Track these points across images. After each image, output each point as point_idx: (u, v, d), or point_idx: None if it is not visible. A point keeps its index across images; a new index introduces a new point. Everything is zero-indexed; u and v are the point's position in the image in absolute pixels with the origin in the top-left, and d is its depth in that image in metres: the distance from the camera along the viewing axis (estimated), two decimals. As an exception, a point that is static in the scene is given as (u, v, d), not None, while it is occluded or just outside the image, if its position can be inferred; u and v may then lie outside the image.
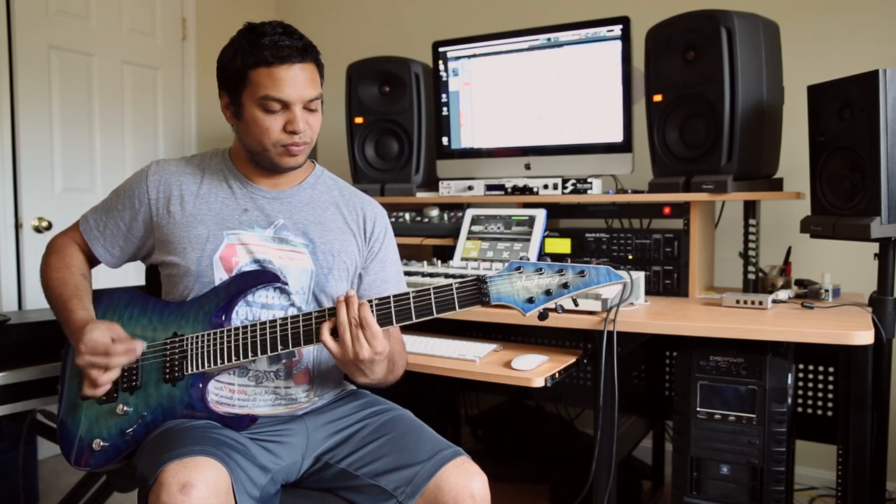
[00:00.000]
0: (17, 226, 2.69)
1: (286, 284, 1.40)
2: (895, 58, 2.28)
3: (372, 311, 1.26)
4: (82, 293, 1.40)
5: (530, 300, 1.23)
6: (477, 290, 1.25)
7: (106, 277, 1.70)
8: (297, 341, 1.30)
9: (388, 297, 1.28)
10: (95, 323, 1.29)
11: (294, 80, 1.32)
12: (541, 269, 1.24)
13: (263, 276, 1.38)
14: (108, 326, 1.29)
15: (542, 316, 1.25)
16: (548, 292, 1.23)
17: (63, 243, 1.49)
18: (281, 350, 1.31)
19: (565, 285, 1.23)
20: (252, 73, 1.32)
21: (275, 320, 1.31)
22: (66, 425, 1.37)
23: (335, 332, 1.27)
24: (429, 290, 1.26)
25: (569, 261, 1.26)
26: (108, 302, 1.43)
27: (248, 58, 1.32)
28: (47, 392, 1.72)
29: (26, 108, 2.69)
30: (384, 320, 1.27)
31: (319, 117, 1.40)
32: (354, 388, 1.58)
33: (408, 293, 1.27)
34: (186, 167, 1.47)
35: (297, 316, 1.31)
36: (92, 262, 1.51)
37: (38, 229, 2.71)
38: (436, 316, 1.26)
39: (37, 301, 2.63)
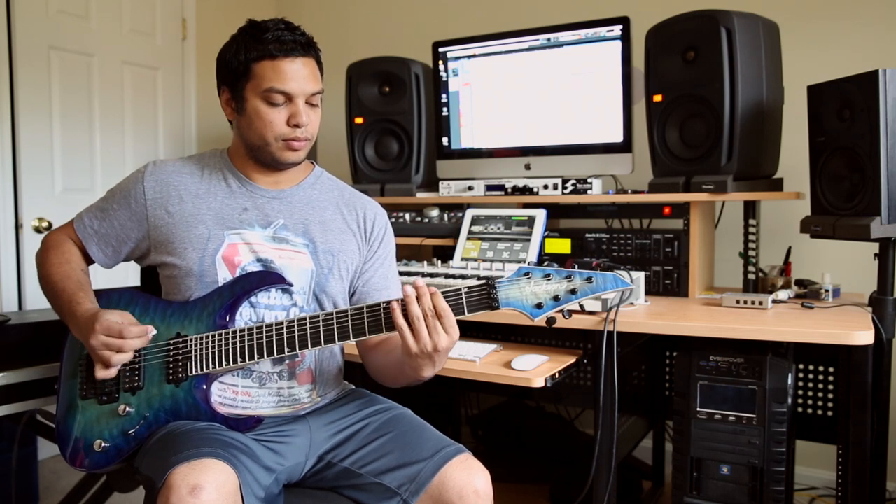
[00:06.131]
0: (17, 226, 2.69)
1: (291, 285, 1.40)
2: (895, 58, 2.28)
3: (380, 316, 1.26)
4: (87, 288, 1.40)
5: (539, 306, 1.24)
6: (486, 295, 1.24)
7: (105, 278, 1.70)
8: (304, 344, 1.30)
9: (399, 301, 1.27)
10: (108, 311, 1.29)
11: (298, 74, 1.33)
12: (549, 275, 1.24)
13: (269, 278, 1.38)
14: (121, 313, 1.29)
15: (550, 321, 1.26)
16: (556, 298, 1.23)
17: (59, 240, 1.48)
18: (288, 353, 1.31)
19: (573, 291, 1.23)
20: (255, 66, 1.33)
21: (281, 323, 1.31)
22: (65, 425, 1.37)
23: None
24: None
25: (571, 262, 1.26)
26: (107, 302, 1.42)
27: (252, 52, 1.33)
28: (47, 392, 1.72)
29: (26, 108, 2.69)
30: (394, 325, 1.26)
31: (320, 113, 1.41)
32: (353, 387, 1.58)
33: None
34: (184, 167, 1.47)
35: (304, 318, 1.30)
36: (88, 260, 1.50)
37: (38, 229, 2.71)
38: None
39: (37, 301, 2.63)
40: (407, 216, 2.46)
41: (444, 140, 2.53)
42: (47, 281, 1.43)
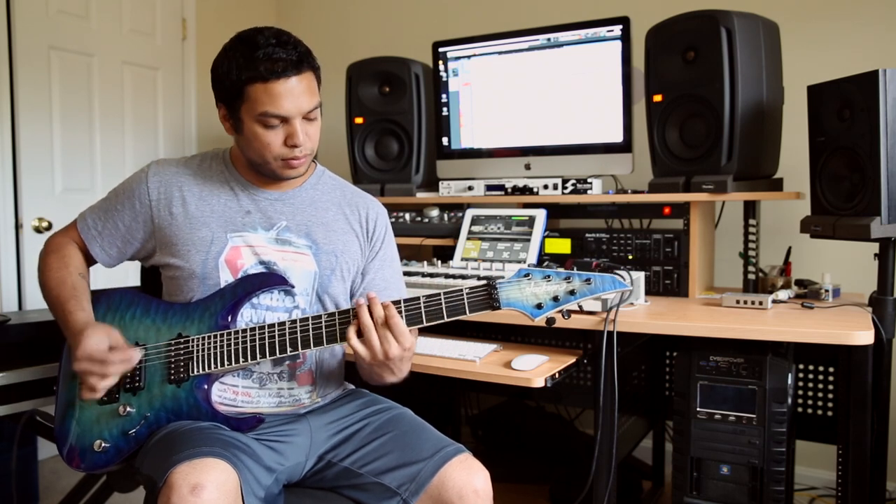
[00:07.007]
0: (17, 226, 2.69)
1: (293, 287, 1.40)
2: (895, 58, 2.28)
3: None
4: (80, 294, 1.39)
5: (539, 306, 1.26)
6: (487, 296, 1.26)
7: (106, 278, 1.70)
8: (306, 344, 1.30)
9: (399, 302, 1.28)
10: (94, 328, 1.28)
11: (291, 94, 1.30)
12: (549, 277, 1.26)
13: (270, 279, 1.38)
14: (107, 332, 1.28)
15: (550, 321, 1.28)
16: (555, 299, 1.26)
17: (61, 243, 1.48)
18: (290, 352, 1.31)
19: (572, 292, 1.26)
20: (248, 88, 1.29)
21: (283, 323, 1.31)
22: (64, 426, 1.37)
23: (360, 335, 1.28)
24: (439, 295, 1.26)
25: (571, 262, 1.27)
26: (108, 302, 1.42)
27: (244, 72, 1.29)
28: (47, 392, 1.72)
29: (26, 108, 2.69)
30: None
31: (319, 125, 1.39)
32: (353, 387, 1.58)
33: (418, 298, 1.28)
34: (187, 168, 1.47)
35: (307, 318, 1.31)
36: (90, 261, 1.50)
37: (38, 229, 2.71)
38: (446, 320, 1.27)
39: (37, 301, 2.62)
40: (407, 216, 2.46)
41: (444, 140, 2.53)
42: (44, 286, 1.43)
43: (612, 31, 2.17)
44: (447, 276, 2.04)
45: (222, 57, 1.34)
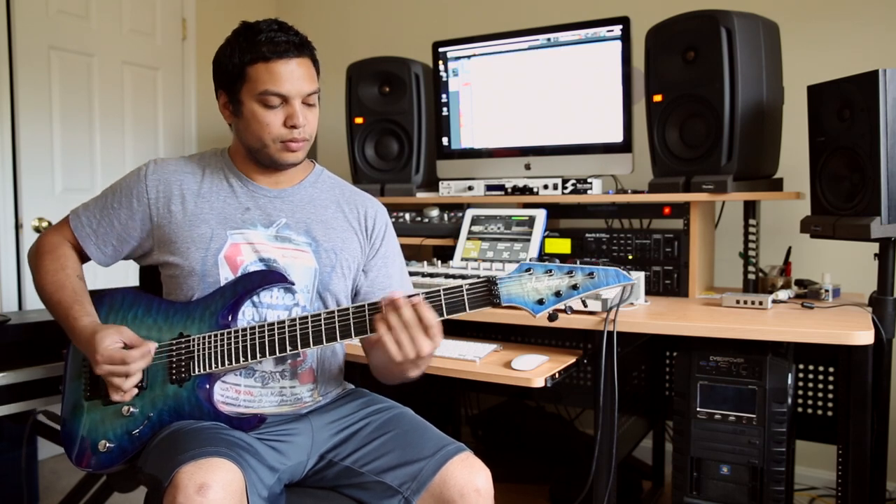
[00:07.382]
0: (17, 226, 2.69)
1: (293, 284, 1.40)
2: (895, 58, 2.28)
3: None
4: (81, 297, 1.39)
5: (540, 301, 1.23)
6: (487, 292, 1.25)
7: (106, 277, 1.70)
8: (305, 342, 1.30)
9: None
10: (104, 330, 1.29)
11: (292, 75, 1.33)
12: (550, 271, 1.23)
13: (270, 276, 1.38)
14: (118, 330, 1.29)
15: (552, 317, 1.25)
16: (557, 294, 1.23)
17: (55, 242, 1.47)
18: (290, 351, 1.31)
19: (575, 287, 1.22)
20: (250, 69, 1.33)
21: (283, 321, 1.31)
22: (70, 426, 1.37)
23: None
24: (439, 291, 1.26)
25: (572, 261, 1.26)
26: (110, 303, 1.42)
27: (246, 54, 1.33)
28: (48, 392, 1.72)
29: (26, 108, 2.69)
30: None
31: (317, 112, 1.41)
32: (353, 387, 1.58)
33: (418, 294, 1.27)
34: (186, 166, 1.47)
35: (306, 317, 1.31)
36: (83, 259, 1.49)
37: (38, 229, 2.71)
38: (446, 318, 1.26)
39: (37, 301, 2.60)
40: (407, 216, 2.46)
41: (444, 140, 2.53)
42: (42, 290, 1.43)
43: (612, 31, 2.17)
44: (447, 276, 2.04)
45: (225, 44, 1.38)
